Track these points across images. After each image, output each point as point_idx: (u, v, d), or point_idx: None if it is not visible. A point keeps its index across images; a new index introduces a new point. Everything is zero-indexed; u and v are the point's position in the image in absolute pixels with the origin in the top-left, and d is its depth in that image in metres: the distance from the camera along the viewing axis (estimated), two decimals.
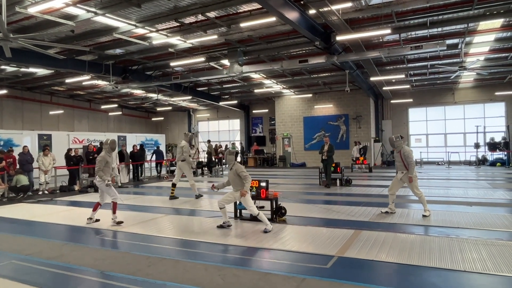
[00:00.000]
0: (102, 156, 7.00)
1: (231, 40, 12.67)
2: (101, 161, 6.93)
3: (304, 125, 23.76)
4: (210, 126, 29.77)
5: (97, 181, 7.09)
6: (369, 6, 10.04)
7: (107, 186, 6.86)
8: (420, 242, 5.30)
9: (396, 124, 23.22)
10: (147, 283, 4.00)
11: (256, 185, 7.04)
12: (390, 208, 7.34)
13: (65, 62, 13.19)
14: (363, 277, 4.08)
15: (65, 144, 18.71)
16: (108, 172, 7.03)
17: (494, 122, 20.88)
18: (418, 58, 15.55)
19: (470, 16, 10.65)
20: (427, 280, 3.92)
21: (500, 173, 15.85)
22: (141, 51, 13.91)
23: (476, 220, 6.63)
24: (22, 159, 12.09)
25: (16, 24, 10.59)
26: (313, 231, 6.12)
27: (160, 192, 12.32)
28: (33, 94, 21.96)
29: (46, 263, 4.76)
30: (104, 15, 9.84)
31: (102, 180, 6.90)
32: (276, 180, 14.48)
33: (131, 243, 5.81)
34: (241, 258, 4.97)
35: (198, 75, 16.27)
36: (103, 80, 17.43)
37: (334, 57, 12.72)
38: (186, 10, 9.89)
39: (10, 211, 8.97)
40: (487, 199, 8.95)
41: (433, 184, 12.31)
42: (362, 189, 11.49)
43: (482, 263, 4.33)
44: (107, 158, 7.02)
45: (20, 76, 17.65)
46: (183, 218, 7.65)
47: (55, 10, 9.35)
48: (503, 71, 17.42)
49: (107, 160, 7.01)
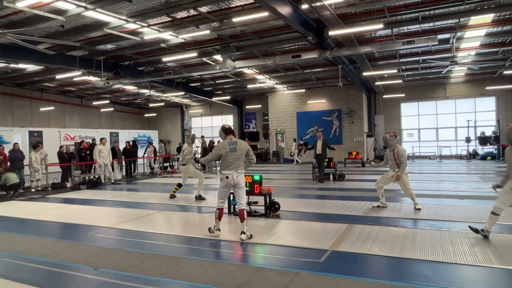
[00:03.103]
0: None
1: (223, 35, 12.59)
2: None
3: (297, 120, 23.78)
4: (203, 122, 29.67)
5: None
6: (362, 1, 10.04)
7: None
8: (412, 235, 5.36)
9: (389, 118, 23.37)
10: (141, 279, 3.99)
11: (249, 181, 7.04)
12: (382, 202, 7.41)
13: (55, 58, 12.99)
14: (357, 270, 4.12)
15: (56, 141, 18.56)
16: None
17: (485, 116, 21.10)
18: (410, 53, 15.62)
19: (461, 11, 10.71)
20: (419, 273, 3.97)
21: (490, 166, 16.07)
22: (132, 47, 13.75)
23: (467, 213, 6.72)
24: (12, 156, 11.94)
25: (4, 19, 10.39)
26: (306, 226, 6.15)
27: (153, 188, 12.27)
28: (23, 90, 21.63)
29: (38, 261, 4.72)
30: (94, 10, 9.68)
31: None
32: (269, 175, 14.51)
33: (124, 239, 5.78)
34: (235, 253, 4.98)
35: (191, 71, 16.16)
36: (94, 76, 17.24)
37: (327, 52, 12.72)
38: (178, 4, 9.80)
39: (1, 209, 8.86)
40: (478, 193, 9.08)
41: (425, 178, 12.44)
42: (355, 183, 11.57)
43: (473, 256, 4.39)
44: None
45: (9, 72, 17.36)
46: (177, 214, 7.62)
47: (44, 5, 9.18)
48: (494, 66, 17.59)
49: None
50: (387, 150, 7.47)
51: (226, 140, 5.56)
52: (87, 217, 7.46)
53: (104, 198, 10.21)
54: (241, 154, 5.52)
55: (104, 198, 10.12)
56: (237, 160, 5.48)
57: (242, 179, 5.58)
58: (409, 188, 7.17)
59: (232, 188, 5.57)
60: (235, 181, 5.45)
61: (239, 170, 5.49)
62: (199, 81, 20.98)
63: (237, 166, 5.47)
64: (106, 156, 13.53)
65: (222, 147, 5.53)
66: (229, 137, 5.58)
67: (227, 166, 5.45)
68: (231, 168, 5.44)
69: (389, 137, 7.34)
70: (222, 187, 5.56)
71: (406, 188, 7.18)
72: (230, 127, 5.80)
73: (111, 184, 13.28)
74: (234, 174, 5.43)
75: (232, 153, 5.45)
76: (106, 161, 13.47)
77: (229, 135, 5.60)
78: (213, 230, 5.61)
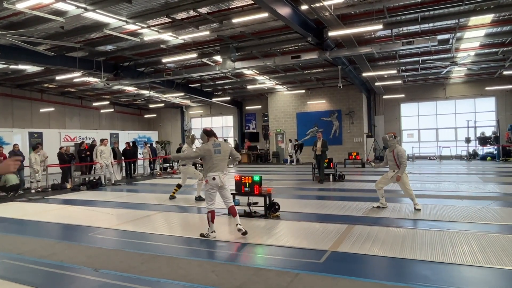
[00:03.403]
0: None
1: (223, 36, 12.60)
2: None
3: (297, 121, 23.78)
4: (203, 123, 29.64)
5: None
6: (361, 2, 10.05)
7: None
8: (412, 236, 5.36)
9: (388, 119, 23.37)
10: (141, 280, 3.99)
11: (249, 181, 7.04)
12: (381, 203, 7.41)
13: (55, 59, 13.00)
14: (356, 271, 4.11)
15: (56, 142, 18.54)
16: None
17: (485, 116, 21.12)
18: (410, 54, 15.64)
19: (460, 11, 10.73)
20: (419, 273, 3.97)
21: (490, 167, 16.07)
22: (132, 48, 13.77)
23: (467, 213, 6.71)
24: (12, 157, 11.93)
25: (4, 21, 10.41)
26: (306, 227, 6.15)
27: (153, 189, 12.28)
28: (23, 91, 21.65)
29: (38, 262, 4.72)
30: (94, 11, 9.70)
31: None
32: (269, 176, 14.51)
33: (124, 240, 5.78)
34: (235, 254, 4.99)
35: (191, 72, 16.17)
36: (94, 77, 17.25)
37: (327, 52, 12.73)
38: (178, 5, 9.81)
39: (0, 210, 8.86)
40: (478, 193, 9.07)
41: (425, 178, 12.44)
42: (355, 184, 11.57)
43: (472, 256, 4.39)
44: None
45: (9, 73, 17.37)
46: (176, 215, 7.63)
47: (44, 6, 9.20)
48: (493, 66, 17.61)
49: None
50: (387, 151, 7.48)
51: (209, 142, 5.59)
52: (87, 218, 7.45)
53: (104, 199, 10.21)
54: (225, 155, 5.64)
55: (104, 199, 10.13)
56: (222, 161, 5.59)
57: (227, 180, 5.72)
58: (409, 189, 7.17)
59: (218, 189, 5.59)
60: (222, 182, 5.52)
61: (224, 171, 5.62)
62: (199, 82, 20.99)
63: (222, 167, 5.58)
64: (108, 156, 13.54)
65: (206, 148, 5.54)
66: (212, 139, 5.62)
67: (213, 168, 5.50)
68: (217, 170, 5.50)
69: (388, 138, 7.34)
70: (210, 189, 5.55)
71: (406, 188, 7.18)
72: (212, 130, 5.83)
73: (111, 185, 13.27)
74: (221, 175, 5.51)
75: (216, 155, 5.52)
76: (108, 161, 13.48)
77: (212, 138, 5.65)
78: (208, 234, 5.58)
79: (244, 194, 7.15)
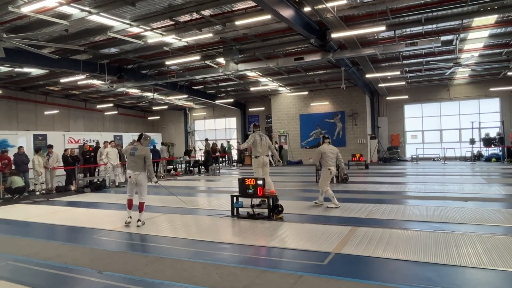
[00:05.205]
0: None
1: (226, 38, 12.64)
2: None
3: (300, 122, 23.76)
4: (207, 125, 29.72)
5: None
6: (364, 3, 10.05)
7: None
8: (416, 237, 5.34)
9: (392, 120, 23.30)
10: (145, 282, 4.00)
11: (253, 183, 7.05)
12: (320, 200, 8.16)
13: (59, 62, 13.10)
14: (360, 273, 4.10)
15: (61, 144, 18.62)
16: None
17: (489, 118, 21.00)
18: (413, 55, 15.60)
19: (464, 12, 10.69)
20: (423, 275, 3.95)
21: (495, 168, 15.97)
22: (136, 50, 13.84)
23: (472, 215, 6.68)
24: (17, 159, 12.02)
25: (9, 24, 10.49)
26: (310, 228, 6.14)
27: (157, 191, 12.28)
28: (27, 94, 21.80)
29: (43, 264, 4.75)
30: (98, 14, 9.78)
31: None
32: (272, 178, 14.43)
33: (128, 242, 5.80)
34: (238, 256, 4.98)
35: (194, 74, 16.22)
36: (98, 79, 17.36)
37: (330, 54, 12.73)
38: (181, 8, 9.85)
39: (6, 212, 8.92)
40: (483, 195, 9.02)
41: (429, 180, 12.38)
42: (359, 185, 11.54)
43: (477, 258, 4.36)
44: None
45: (14, 76, 17.51)
46: (180, 217, 7.64)
47: (49, 10, 9.27)
48: (498, 67, 17.52)
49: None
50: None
51: (131, 145, 7.02)
52: (91, 220, 7.49)
53: (108, 201, 10.25)
54: (138, 158, 6.72)
55: (108, 201, 10.16)
56: (135, 162, 6.72)
57: (142, 178, 6.76)
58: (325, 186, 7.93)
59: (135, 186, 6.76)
60: (135, 180, 6.67)
61: (136, 171, 6.69)
62: (202, 84, 21.04)
63: (135, 167, 6.72)
64: (114, 158, 13.63)
65: (125, 150, 7.31)
66: (136, 143, 6.91)
67: (128, 167, 6.89)
68: (129, 168, 6.80)
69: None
70: (128, 183, 6.91)
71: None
72: (142, 135, 6.95)
73: (115, 187, 13.32)
74: (133, 174, 6.67)
75: (131, 157, 6.78)
76: (115, 163, 13.56)
77: (137, 142, 6.91)
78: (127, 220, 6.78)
79: (247, 196, 7.16)
